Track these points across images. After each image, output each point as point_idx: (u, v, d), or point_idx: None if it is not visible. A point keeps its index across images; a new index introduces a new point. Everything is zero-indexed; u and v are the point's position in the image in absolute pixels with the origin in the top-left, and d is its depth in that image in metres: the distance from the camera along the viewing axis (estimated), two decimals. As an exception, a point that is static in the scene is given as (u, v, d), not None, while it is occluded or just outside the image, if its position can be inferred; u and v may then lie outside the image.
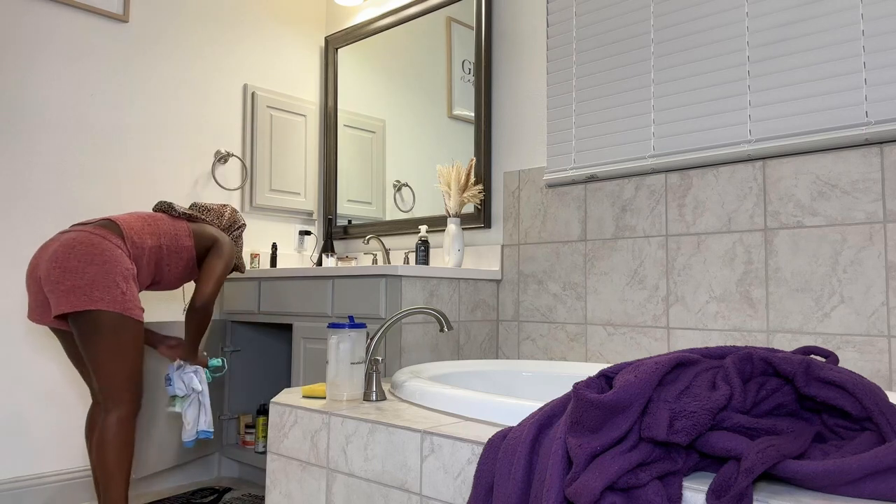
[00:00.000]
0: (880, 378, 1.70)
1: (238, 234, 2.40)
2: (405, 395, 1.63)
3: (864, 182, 1.75)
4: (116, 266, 1.89)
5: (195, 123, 2.88)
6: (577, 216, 2.33)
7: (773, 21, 1.89)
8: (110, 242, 1.91)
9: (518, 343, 2.46)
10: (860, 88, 1.73)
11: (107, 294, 1.86)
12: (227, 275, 2.18)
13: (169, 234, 2.09)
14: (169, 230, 2.09)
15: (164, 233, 2.08)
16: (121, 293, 1.88)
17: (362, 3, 3.18)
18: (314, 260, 3.20)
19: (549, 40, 2.42)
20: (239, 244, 2.42)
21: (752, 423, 0.97)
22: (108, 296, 1.86)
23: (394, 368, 2.15)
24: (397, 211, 2.98)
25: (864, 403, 0.97)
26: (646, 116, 2.14)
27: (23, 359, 2.37)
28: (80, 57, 2.55)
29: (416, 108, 2.92)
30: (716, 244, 2.00)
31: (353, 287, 2.28)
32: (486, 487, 1.09)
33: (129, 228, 1.99)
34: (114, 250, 1.91)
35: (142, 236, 2.01)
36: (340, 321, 2.25)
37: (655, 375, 1.00)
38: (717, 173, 2.01)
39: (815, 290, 1.81)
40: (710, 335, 1.99)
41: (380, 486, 1.37)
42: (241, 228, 2.41)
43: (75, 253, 1.86)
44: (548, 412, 1.09)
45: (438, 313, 1.81)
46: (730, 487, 0.87)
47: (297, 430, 1.58)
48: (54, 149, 2.47)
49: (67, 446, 2.45)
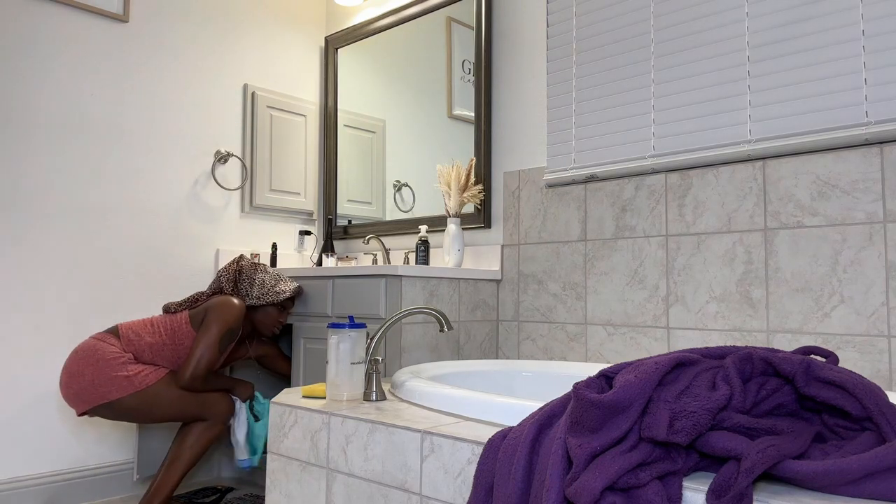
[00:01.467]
0: (880, 378, 1.70)
1: (251, 279, 2.34)
2: (405, 395, 1.63)
3: (864, 182, 1.75)
4: (111, 361, 2.09)
5: (195, 123, 2.88)
6: (577, 216, 2.33)
7: (773, 21, 1.89)
8: (105, 343, 2.13)
9: (518, 343, 2.46)
10: (860, 88, 1.73)
11: (112, 386, 2.06)
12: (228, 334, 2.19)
13: (167, 328, 2.22)
14: (167, 325, 2.23)
15: (164, 329, 2.21)
16: (124, 378, 2.08)
17: (362, 3, 3.18)
18: (314, 260, 3.20)
19: (549, 40, 2.42)
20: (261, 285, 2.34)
21: (752, 423, 0.97)
22: (114, 386, 2.06)
23: (394, 368, 2.15)
24: (397, 211, 2.98)
25: (864, 403, 0.97)
26: (646, 116, 2.14)
27: (23, 358, 2.37)
28: (80, 57, 2.55)
29: (416, 108, 2.92)
30: (716, 244, 2.00)
31: (353, 287, 2.28)
32: (486, 487, 1.09)
33: (127, 328, 2.19)
34: (107, 349, 2.11)
35: (139, 333, 2.19)
36: (340, 321, 2.25)
37: (655, 375, 1.00)
38: (717, 173, 2.01)
39: (815, 290, 1.81)
40: (710, 335, 1.99)
41: (380, 486, 1.37)
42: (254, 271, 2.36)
43: (76, 358, 2.11)
44: (548, 412, 1.09)
45: (438, 313, 1.81)
46: (730, 487, 0.87)
47: (297, 430, 1.58)
48: (54, 149, 2.47)
49: (67, 446, 2.45)
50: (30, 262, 2.39)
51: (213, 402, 2.22)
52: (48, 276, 2.43)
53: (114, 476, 2.55)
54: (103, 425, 2.55)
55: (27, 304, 2.38)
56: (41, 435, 2.40)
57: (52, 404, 2.43)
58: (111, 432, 2.57)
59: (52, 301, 2.44)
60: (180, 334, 2.20)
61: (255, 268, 2.37)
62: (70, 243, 2.49)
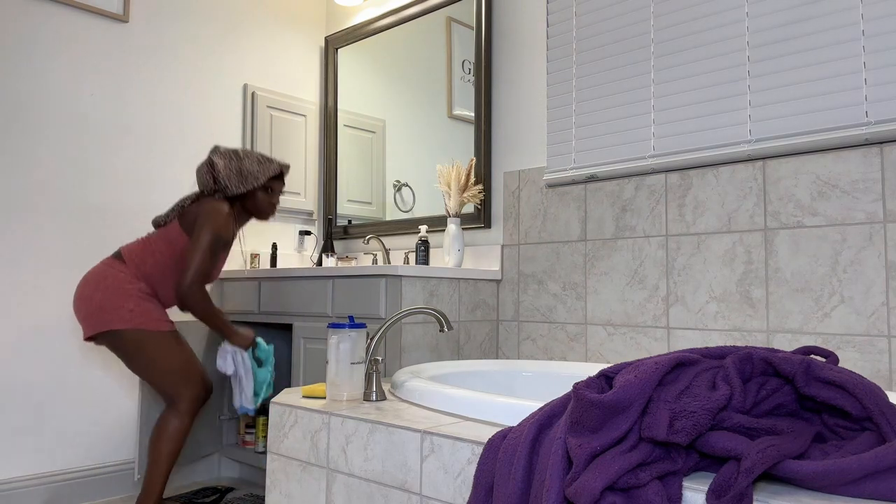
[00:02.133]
0: (880, 378, 1.70)
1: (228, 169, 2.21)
2: (405, 395, 1.63)
3: (864, 182, 1.75)
4: (120, 289, 2.09)
5: (195, 123, 2.88)
6: (577, 216, 2.33)
7: (773, 21, 1.89)
8: (114, 269, 2.13)
9: (518, 343, 2.46)
10: (860, 88, 1.73)
11: (115, 315, 2.07)
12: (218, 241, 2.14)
13: (166, 243, 2.19)
14: (164, 241, 2.19)
15: (164, 247, 2.19)
16: (128, 311, 2.08)
17: (362, 3, 3.18)
18: (314, 260, 3.20)
19: (549, 40, 2.42)
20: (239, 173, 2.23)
21: (752, 423, 0.97)
22: (117, 316, 2.07)
23: (394, 368, 2.15)
24: (397, 211, 2.98)
25: (864, 403, 0.97)
26: (646, 116, 2.14)
27: (23, 358, 2.37)
28: (80, 57, 2.55)
29: (416, 108, 2.92)
30: (716, 244, 2.00)
31: (353, 287, 2.28)
32: (486, 487, 1.09)
33: (129, 252, 2.18)
34: (117, 275, 2.11)
35: (143, 259, 2.17)
36: (340, 321, 2.25)
37: (655, 375, 1.00)
38: (717, 173, 2.01)
39: (815, 290, 1.81)
40: (710, 335, 1.99)
41: (380, 486, 1.37)
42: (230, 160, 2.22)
43: (87, 283, 2.12)
44: (548, 412, 1.09)
45: (438, 313, 1.81)
46: (730, 487, 0.87)
47: (297, 430, 1.58)
48: (54, 149, 2.47)
49: (68, 446, 2.45)
50: (29, 262, 2.39)
51: (187, 384, 2.16)
52: (48, 276, 2.43)
53: (114, 476, 2.55)
54: (103, 426, 2.55)
55: (27, 304, 2.38)
56: (41, 435, 2.40)
57: (52, 405, 2.43)
58: (110, 432, 2.57)
59: (51, 301, 2.44)
60: (178, 247, 2.17)
61: (231, 157, 2.25)
62: (70, 243, 2.49)
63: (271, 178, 2.31)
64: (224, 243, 2.20)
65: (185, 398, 2.16)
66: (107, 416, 2.56)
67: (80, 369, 2.50)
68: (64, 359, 2.46)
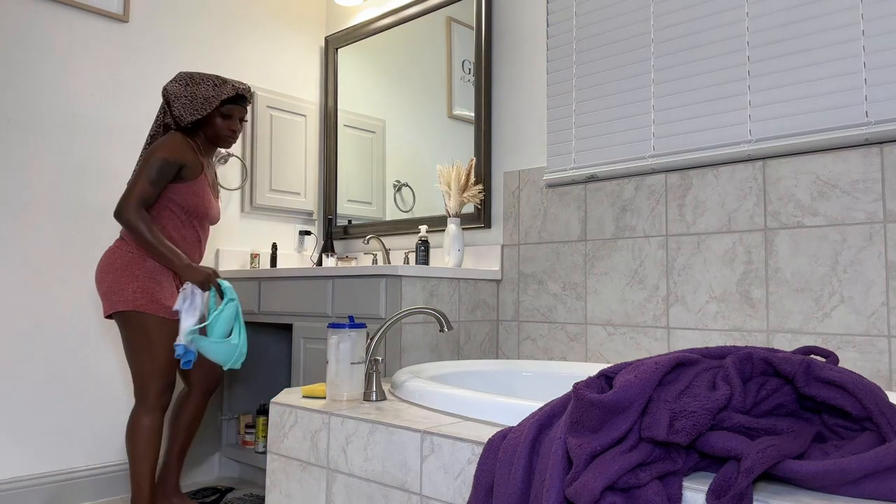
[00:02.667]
0: (880, 378, 1.70)
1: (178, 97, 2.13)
2: (405, 395, 1.63)
3: (864, 182, 1.75)
4: (125, 270, 2.08)
5: (195, 123, 2.88)
6: (577, 216, 2.33)
7: (773, 21, 1.89)
8: (122, 249, 2.11)
9: (518, 343, 2.46)
10: (860, 88, 1.73)
11: (119, 297, 2.07)
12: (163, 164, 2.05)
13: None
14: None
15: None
16: (131, 293, 2.07)
17: (362, 3, 3.18)
18: (314, 260, 3.20)
19: (549, 40, 2.42)
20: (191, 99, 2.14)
21: (752, 423, 0.97)
22: (121, 298, 2.06)
23: (394, 368, 2.15)
24: (397, 211, 2.98)
25: (864, 403, 0.97)
26: (646, 116, 2.14)
27: (21, 358, 2.37)
28: (80, 57, 2.54)
29: (416, 108, 2.92)
30: (716, 244, 2.00)
31: (353, 287, 2.28)
32: (486, 487, 1.09)
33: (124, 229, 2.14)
34: (125, 255, 2.10)
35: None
36: (340, 321, 2.25)
37: (655, 375, 1.00)
38: (717, 173, 2.01)
39: (815, 290, 1.81)
40: (710, 335, 1.99)
41: (380, 486, 1.37)
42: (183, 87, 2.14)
43: (101, 264, 2.13)
44: (548, 412, 1.09)
45: (438, 313, 1.81)
46: (730, 487, 0.87)
47: (297, 430, 1.58)
48: (54, 149, 2.47)
49: (67, 446, 2.45)
50: (28, 261, 2.39)
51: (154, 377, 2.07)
52: (47, 276, 2.43)
53: (114, 476, 2.55)
54: (103, 426, 2.55)
55: (27, 304, 2.38)
56: (41, 435, 2.40)
57: (52, 405, 2.43)
58: (111, 432, 2.57)
59: (51, 302, 2.44)
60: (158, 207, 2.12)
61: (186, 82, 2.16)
62: (70, 243, 2.49)
63: (227, 103, 2.19)
64: (179, 167, 2.09)
65: (150, 392, 2.07)
66: (106, 416, 2.56)
67: (79, 369, 2.50)
68: (63, 359, 2.46)
